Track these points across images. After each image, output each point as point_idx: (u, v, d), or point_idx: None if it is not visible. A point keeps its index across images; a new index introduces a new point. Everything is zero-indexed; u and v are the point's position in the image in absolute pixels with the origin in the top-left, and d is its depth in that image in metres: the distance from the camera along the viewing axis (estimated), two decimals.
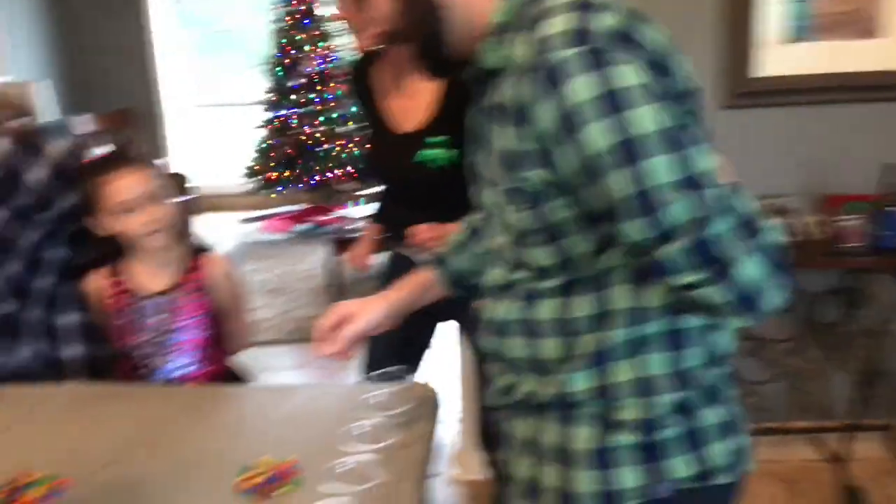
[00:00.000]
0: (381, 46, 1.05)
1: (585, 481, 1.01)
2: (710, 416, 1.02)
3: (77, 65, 6.17)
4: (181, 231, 1.72)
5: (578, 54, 0.86)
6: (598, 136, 0.85)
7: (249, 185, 5.93)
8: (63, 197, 1.70)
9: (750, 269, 0.85)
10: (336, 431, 1.26)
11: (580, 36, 0.87)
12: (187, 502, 1.18)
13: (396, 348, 1.33)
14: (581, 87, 0.85)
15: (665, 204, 0.84)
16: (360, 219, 4.44)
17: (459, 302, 1.39)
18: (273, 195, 6.02)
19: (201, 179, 5.91)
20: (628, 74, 0.85)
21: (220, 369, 1.74)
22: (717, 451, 1.02)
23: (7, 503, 1.16)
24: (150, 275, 1.68)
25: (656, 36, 0.93)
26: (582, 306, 0.99)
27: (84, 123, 5.94)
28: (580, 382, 1.00)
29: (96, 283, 1.70)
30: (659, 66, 0.90)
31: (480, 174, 1.09)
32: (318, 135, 5.68)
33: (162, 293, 1.67)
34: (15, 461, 1.27)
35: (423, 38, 1.03)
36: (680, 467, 1.00)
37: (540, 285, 1.02)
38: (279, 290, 4.58)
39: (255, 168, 5.89)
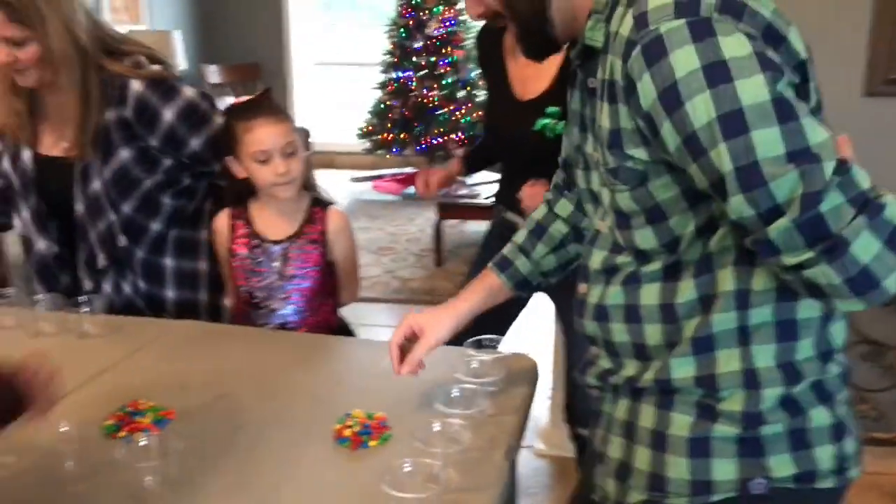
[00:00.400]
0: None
1: (678, 468, 0.99)
2: (819, 416, 0.97)
3: (211, 17, 6.40)
4: (306, 183, 1.77)
5: (682, 25, 0.83)
6: (702, 108, 0.82)
7: (364, 144, 6.04)
8: (189, 142, 1.78)
9: (863, 248, 0.80)
10: (429, 393, 1.28)
11: (684, 6, 0.84)
12: (285, 444, 1.22)
13: (486, 316, 1.34)
14: (684, 59, 0.82)
15: (773, 178, 0.81)
16: (470, 185, 4.44)
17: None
18: (387, 156, 6.11)
19: (317, 136, 6.05)
20: (734, 44, 0.82)
21: (329, 320, 1.80)
22: (823, 454, 0.97)
23: (117, 427, 1.24)
24: (272, 222, 1.74)
25: (768, 5, 0.89)
26: (685, 290, 0.96)
27: (214, 74, 6.17)
28: (681, 370, 0.97)
29: (222, 222, 1.77)
30: (772, 36, 0.86)
31: (587, 156, 1.07)
32: (436, 98, 5.70)
33: (281, 241, 1.73)
34: (128, 389, 1.35)
35: (524, 18, 1.02)
36: (780, 466, 0.96)
37: (642, 269, 1.00)
38: (386, 250, 4.67)
39: (371, 128, 5.98)
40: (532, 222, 1.33)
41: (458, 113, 5.65)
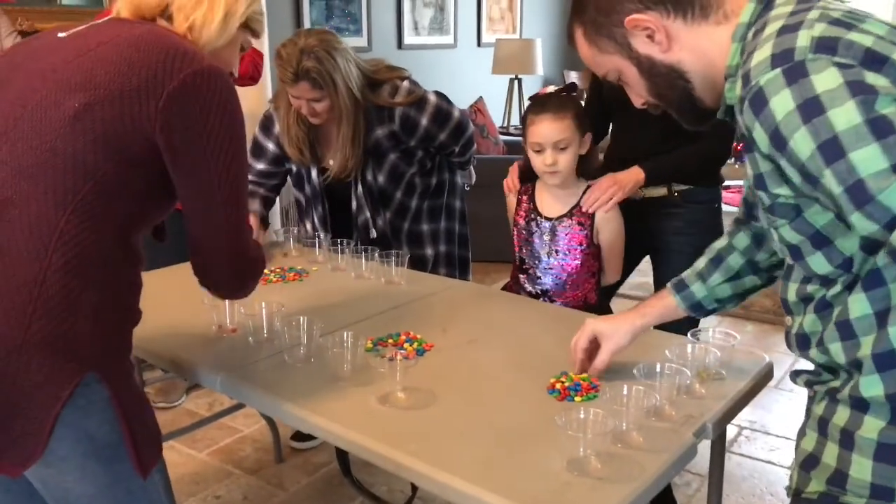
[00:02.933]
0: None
1: (862, 469, 0.98)
2: None
3: None
4: (585, 172, 1.97)
5: (777, 74, 0.91)
6: (802, 143, 0.89)
7: None
8: (438, 136, 2.28)
9: None
10: (647, 370, 1.37)
11: (779, 57, 0.91)
12: (506, 384, 1.45)
13: None
14: (781, 103, 0.90)
15: (880, 191, 0.84)
16: None
17: None
18: (737, 165, 5.92)
19: None
20: (825, 79, 0.87)
21: (588, 297, 1.98)
22: None
23: (392, 345, 1.58)
24: (548, 200, 1.99)
25: (868, 31, 0.92)
26: (858, 306, 0.97)
27: (575, 79, 6.55)
28: (871, 388, 0.96)
29: (511, 196, 2.08)
30: (872, 60, 0.89)
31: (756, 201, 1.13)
32: None
33: (552, 218, 1.96)
34: (408, 324, 1.69)
35: (676, 103, 1.15)
36: None
37: (828, 293, 1.03)
38: None
39: None
40: (712, 251, 1.40)
41: None
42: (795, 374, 1.17)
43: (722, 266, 1.37)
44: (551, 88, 1.99)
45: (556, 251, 1.95)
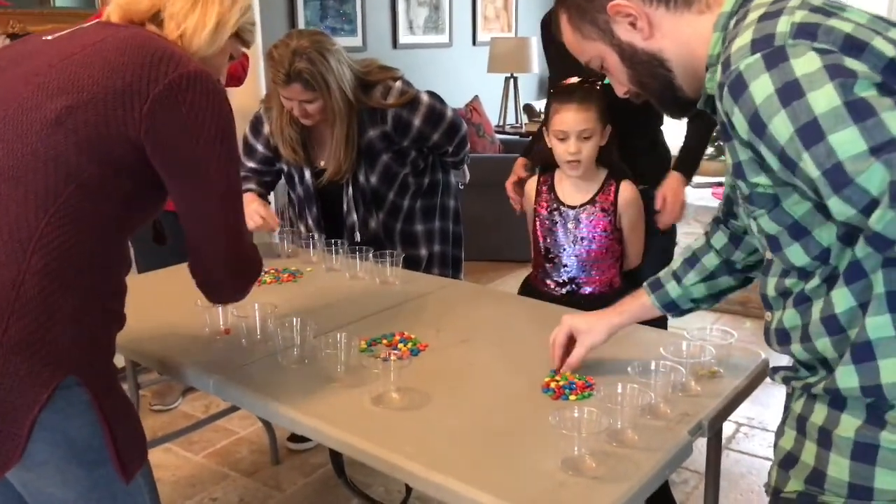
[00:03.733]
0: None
1: (839, 468, 0.99)
2: None
3: None
4: (604, 161, 1.99)
5: (757, 59, 0.90)
6: (781, 127, 0.88)
7: (710, 149, 5.93)
8: (432, 137, 2.27)
9: None
10: (638, 363, 1.36)
11: (759, 42, 0.91)
12: (500, 383, 1.44)
13: None
14: (760, 88, 0.89)
15: (858, 174, 0.83)
16: None
17: None
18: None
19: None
20: (805, 63, 0.87)
21: (613, 281, 2.01)
22: None
23: (386, 346, 1.57)
24: (570, 189, 2.01)
25: (848, 19, 0.92)
26: (841, 299, 0.97)
27: None
28: (846, 379, 0.97)
29: (531, 186, 2.10)
30: (852, 47, 0.89)
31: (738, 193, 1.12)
32: None
33: (575, 206, 1.98)
34: (402, 323, 1.68)
35: (657, 92, 1.15)
36: None
37: (806, 287, 1.02)
38: None
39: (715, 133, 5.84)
40: (688, 251, 1.40)
41: None
42: (773, 371, 1.17)
43: (697, 266, 1.38)
44: (575, 80, 1.98)
45: (581, 238, 1.97)
